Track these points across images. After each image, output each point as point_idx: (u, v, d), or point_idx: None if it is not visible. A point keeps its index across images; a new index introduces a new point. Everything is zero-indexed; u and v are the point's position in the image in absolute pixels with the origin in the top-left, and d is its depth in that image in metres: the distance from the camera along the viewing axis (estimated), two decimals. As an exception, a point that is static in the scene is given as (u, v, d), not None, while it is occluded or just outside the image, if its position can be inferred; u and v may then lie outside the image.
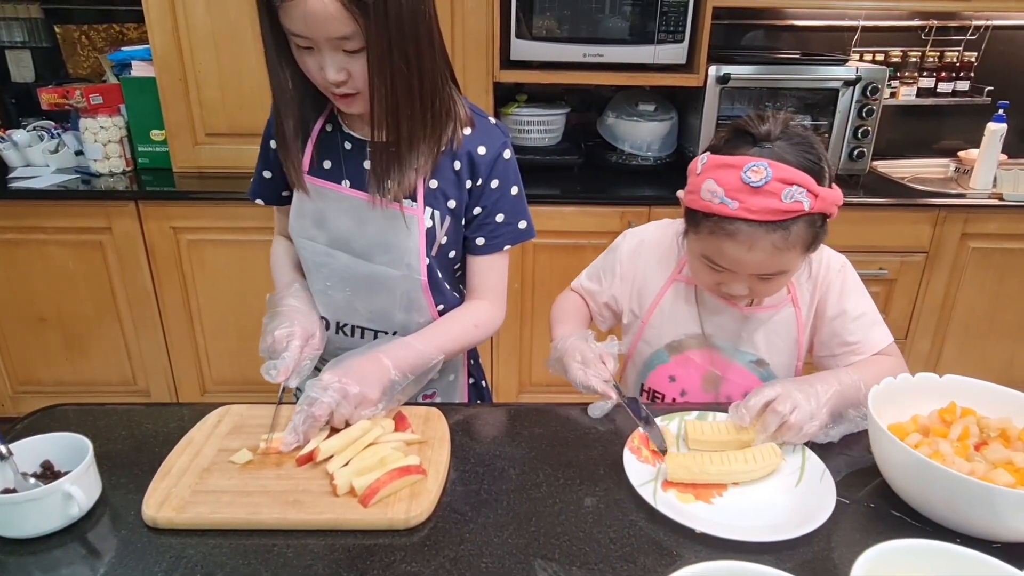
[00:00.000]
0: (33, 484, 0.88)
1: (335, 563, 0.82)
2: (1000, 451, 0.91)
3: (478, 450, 1.05)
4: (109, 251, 2.42)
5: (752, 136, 1.03)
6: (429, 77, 1.03)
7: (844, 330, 1.18)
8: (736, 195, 1.00)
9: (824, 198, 1.01)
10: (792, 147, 1.02)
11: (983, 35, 2.81)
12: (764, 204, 0.99)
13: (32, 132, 2.64)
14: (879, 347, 1.17)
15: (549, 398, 2.69)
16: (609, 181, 2.59)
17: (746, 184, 0.99)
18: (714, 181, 1.02)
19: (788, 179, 0.99)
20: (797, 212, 1.00)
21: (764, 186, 0.98)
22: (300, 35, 0.97)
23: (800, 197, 0.99)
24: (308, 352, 1.13)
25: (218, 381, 2.65)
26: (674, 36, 2.43)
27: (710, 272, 1.11)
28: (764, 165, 0.99)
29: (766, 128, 1.03)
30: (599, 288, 1.33)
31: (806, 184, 0.99)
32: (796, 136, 1.03)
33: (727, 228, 1.02)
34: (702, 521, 0.89)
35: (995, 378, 1.01)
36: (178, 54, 2.36)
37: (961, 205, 2.45)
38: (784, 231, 1.01)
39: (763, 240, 1.01)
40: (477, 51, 2.39)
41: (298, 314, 1.17)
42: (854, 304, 1.18)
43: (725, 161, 1.03)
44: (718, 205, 1.02)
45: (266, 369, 1.08)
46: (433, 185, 1.13)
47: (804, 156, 1.01)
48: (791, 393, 1.02)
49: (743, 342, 1.22)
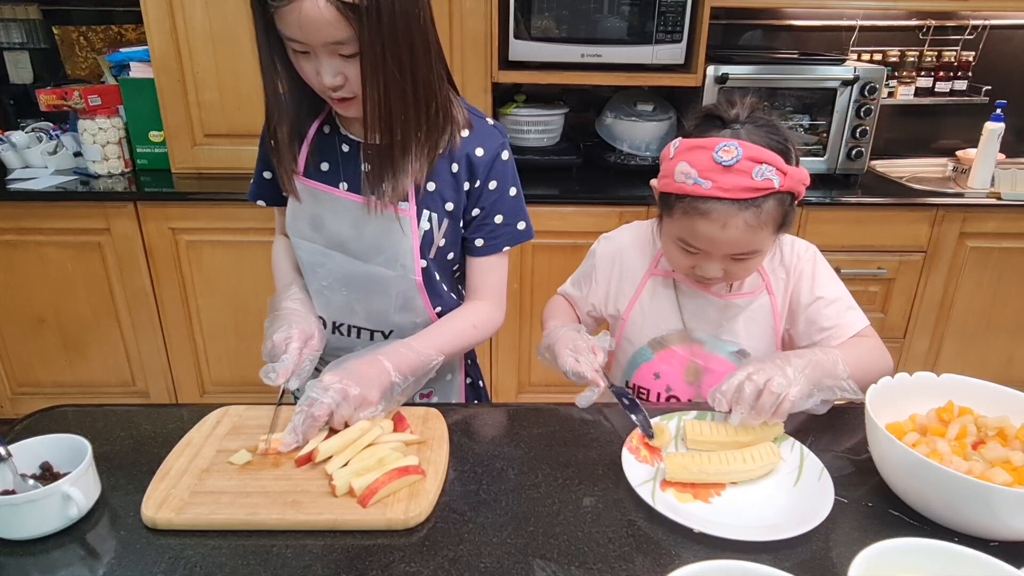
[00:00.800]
0: (32, 485, 0.88)
1: (334, 563, 0.82)
2: (998, 450, 0.92)
3: (477, 450, 1.05)
4: (108, 252, 2.42)
5: (721, 119, 1.08)
6: (424, 82, 1.03)
7: (820, 316, 1.20)
8: (709, 175, 1.04)
9: (792, 176, 1.05)
10: (759, 129, 1.07)
11: (981, 34, 2.82)
12: (736, 182, 1.03)
13: (31, 133, 2.64)
14: (855, 330, 1.19)
15: (548, 398, 2.68)
16: (608, 181, 2.59)
17: (718, 163, 1.03)
18: (687, 163, 1.06)
19: (758, 157, 1.03)
20: (768, 189, 1.03)
21: (735, 164, 1.02)
22: (296, 40, 0.97)
23: (770, 175, 1.03)
24: (307, 353, 1.13)
25: (217, 382, 2.65)
26: (672, 36, 2.43)
27: (685, 255, 1.13)
28: (735, 145, 1.03)
29: (735, 111, 1.08)
30: (580, 295, 1.36)
31: (775, 162, 1.03)
32: (762, 119, 1.08)
33: (701, 207, 1.05)
34: (700, 520, 0.89)
35: (993, 377, 1.01)
36: (176, 55, 2.36)
37: (959, 204, 2.45)
38: (756, 208, 1.04)
39: (736, 218, 1.04)
40: (475, 52, 2.40)
41: (296, 316, 1.17)
42: (827, 290, 1.21)
43: (696, 143, 1.06)
44: (692, 186, 1.05)
45: (265, 373, 1.08)
46: (431, 188, 1.13)
47: (771, 137, 1.06)
48: (763, 366, 1.03)
49: (723, 331, 1.23)
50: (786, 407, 1.00)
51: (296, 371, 1.09)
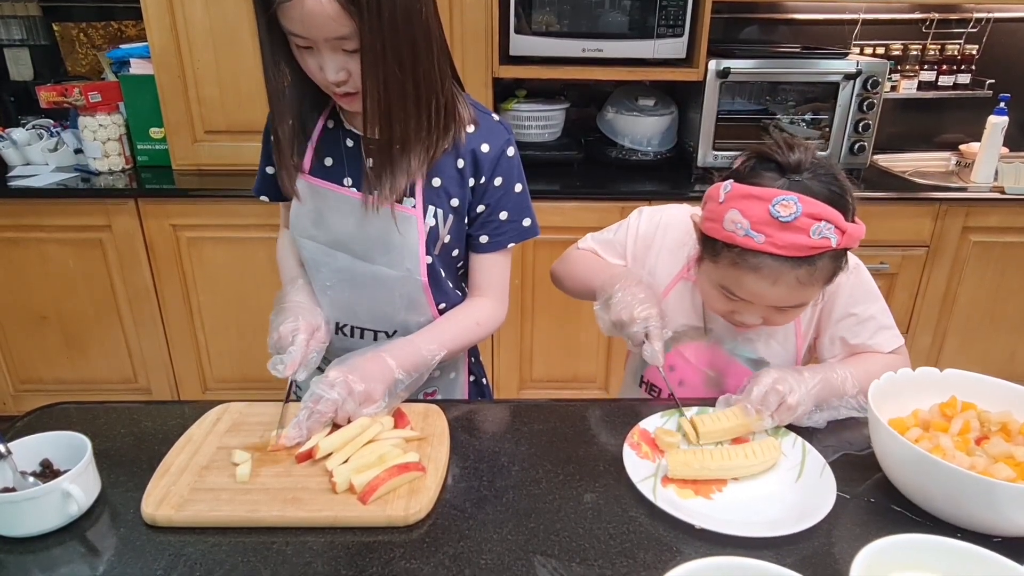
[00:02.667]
0: (32, 483, 0.88)
1: (334, 560, 0.82)
2: (1001, 445, 0.91)
3: (477, 446, 1.04)
4: (109, 249, 2.42)
5: (779, 165, 1.00)
6: (425, 79, 1.02)
7: (848, 332, 1.17)
8: (763, 228, 0.97)
9: (851, 235, 0.99)
10: (818, 179, 0.99)
11: (984, 28, 2.80)
12: (792, 240, 0.96)
13: (31, 130, 2.64)
14: (883, 351, 1.17)
15: (550, 394, 2.69)
16: (609, 176, 2.58)
17: (774, 218, 0.96)
18: (739, 212, 0.99)
19: (817, 215, 0.96)
20: (824, 248, 0.97)
21: (793, 221, 0.96)
22: (299, 35, 0.96)
23: (828, 233, 0.96)
24: (314, 345, 1.12)
25: (219, 379, 2.65)
26: (673, 30, 2.42)
27: (725, 300, 1.09)
28: (794, 200, 0.95)
29: (796, 158, 0.99)
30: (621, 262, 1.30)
31: (834, 220, 0.97)
32: (821, 167, 1.00)
33: (751, 261, 1.00)
34: (702, 516, 0.88)
35: (996, 372, 1.00)
36: (176, 51, 2.36)
37: (962, 199, 2.44)
38: (810, 266, 0.99)
39: (788, 275, 0.99)
40: (476, 46, 2.39)
41: (302, 309, 1.16)
42: (862, 307, 1.17)
43: (751, 192, 0.99)
44: (743, 237, 0.99)
45: (273, 364, 1.07)
46: (436, 184, 1.13)
47: (830, 189, 0.99)
48: (786, 376, 1.04)
49: (742, 342, 1.22)
50: (788, 421, 1.04)
51: (303, 362, 1.09)
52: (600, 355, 2.63)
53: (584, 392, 2.70)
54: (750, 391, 1.04)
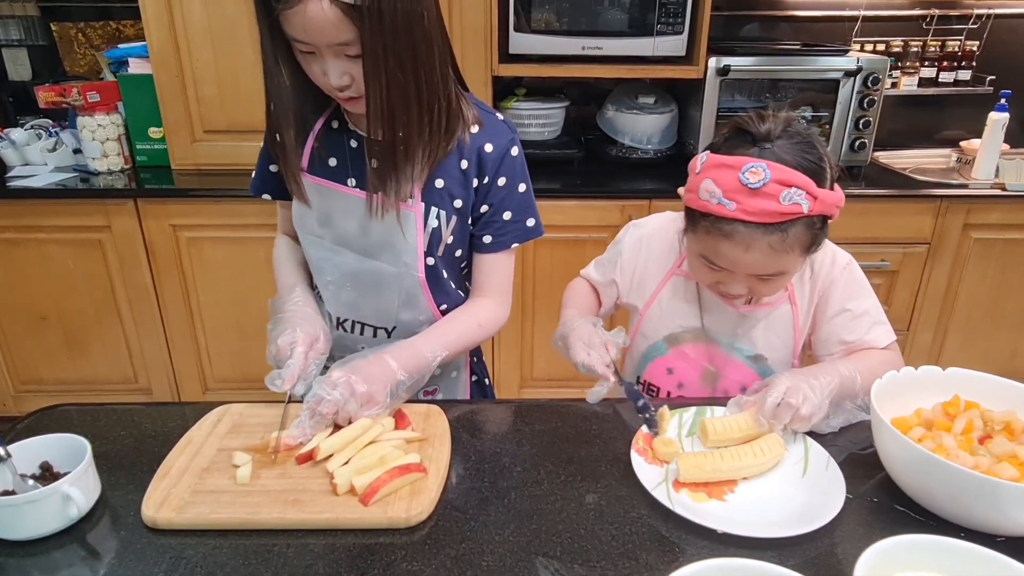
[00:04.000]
0: (32, 486, 0.88)
1: (335, 563, 0.82)
2: (1004, 445, 0.91)
3: (479, 447, 1.04)
4: (108, 249, 2.42)
5: (752, 135, 1.02)
6: (428, 83, 1.02)
7: (844, 328, 1.17)
8: (734, 196, 1.00)
9: (824, 200, 1.00)
10: (793, 147, 1.01)
11: (985, 24, 2.79)
12: (761, 206, 0.98)
13: (30, 131, 2.64)
14: (878, 346, 1.17)
15: (551, 393, 2.69)
16: (609, 175, 2.57)
17: (744, 185, 0.99)
18: (712, 181, 1.02)
19: (787, 181, 0.98)
20: (795, 214, 0.99)
21: (762, 188, 0.98)
22: (301, 41, 0.96)
23: (799, 199, 0.98)
24: (313, 357, 1.11)
25: (220, 379, 2.64)
26: (673, 28, 2.41)
27: (708, 271, 1.10)
28: (763, 166, 0.98)
29: (766, 127, 1.01)
30: (605, 281, 1.33)
31: (805, 186, 0.98)
32: (797, 135, 1.02)
33: (724, 229, 1.02)
34: (721, 520, 0.88)
35: (998, 369, 1.00)
36: (175, 51, 2.35)
37: (963, 196, 2.44)
38: (782, 233, 1.00)
39: (760, 241, 1.01)
40: (475, 45, 2.38)
41: (300, 318, 1.15)
42: (856, 303, 1.17)
43: (724, 161, 1.02)
44: (715, 205, 1.01)
45: (271, 380, 1.06)
46: (439, 185, 1.12)
47: (804, 156, 1.00)
48: (799, 386, 1.03)
49: (741, 337, 1.22)
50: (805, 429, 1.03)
51: (302, 375, 1.07)
52: (601, 353, 2.62)
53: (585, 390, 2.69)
54: (763, 401, 1.03)
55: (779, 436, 1.01)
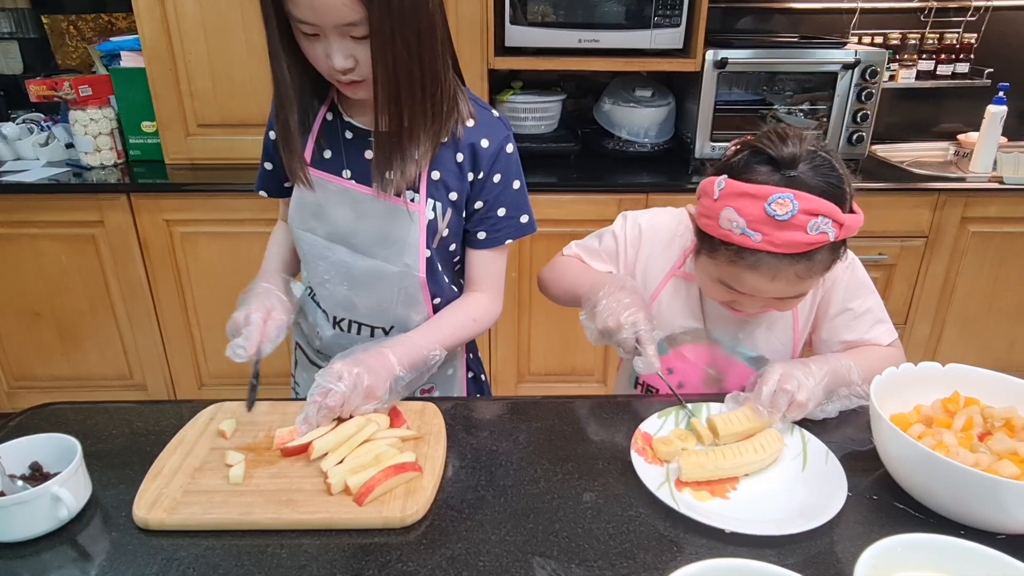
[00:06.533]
0: (21, 487, 0.86)
1: (330, 563, 0.81)
2: (1005, 441, 0.90)
3: (475, 445, 1.03)
4: (102, 245, 2.40)
5: (773, 160, 0.98)
6: (431, 66, 1.02)
7: (845, 328, 1.17)
8: (759, 227, 0.96)
9: (848, 226, 0.97)
10: (815, 171, 0.97)
11: (983, 16, 2.78)
12: (789, 237, 0.95)
13: (21, 125, 2.62)
14: (880, 345, 1.16)
15: (547, 388, 2.68)
16: (606, 168, 2.56)
17: (770, 217, 0.94)
18: (734, 211, 0.97)
19: (813, 211, 0.94)
20: (822, 243, 0.96)
21: (790, 220, 0.94)
22: (307, 22, 0.95)
23: (825, 228, 0.95)
24: (272, 324, 1.11)
25: (215, 375, 2.63)
26: (670, 20, 2.39)
27: (724, 292, 1.08)
28: (790, 197, 0.94)
29: (790, 152, 0.96)
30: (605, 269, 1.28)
31: (831, 214, 0.95)
32: (818, 156, 0.98)
33: (749, 259, 0.99)
34: (727, 519, 0.87)
35: (995, 362, 1.00)
36: (168, 44, 2.33)
37: (961, 189, 2.43)
38: (808, 261, 0.98)
39: (786, 271, 0.98)
40: (471, 38, 2.36)
41: (255, 296, 1.15)
42: (858, 302, 1.16)
43: (746, 190, 0.97)
44: (739, 236, 0.98)
45: (232, 349, 1.05)
46: (435, 176, 1.12)
47: (827, 181, 0.97)
48: (792, 372, 1.03)
49: (742, 338, 1.21)
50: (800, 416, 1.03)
51: (264, 339, 1.08)
52: (598, 348, 2.62)
53: (582, 385, 2.69)
54: (759, 391, 1.03)
55: (777, 432, 1.00)
